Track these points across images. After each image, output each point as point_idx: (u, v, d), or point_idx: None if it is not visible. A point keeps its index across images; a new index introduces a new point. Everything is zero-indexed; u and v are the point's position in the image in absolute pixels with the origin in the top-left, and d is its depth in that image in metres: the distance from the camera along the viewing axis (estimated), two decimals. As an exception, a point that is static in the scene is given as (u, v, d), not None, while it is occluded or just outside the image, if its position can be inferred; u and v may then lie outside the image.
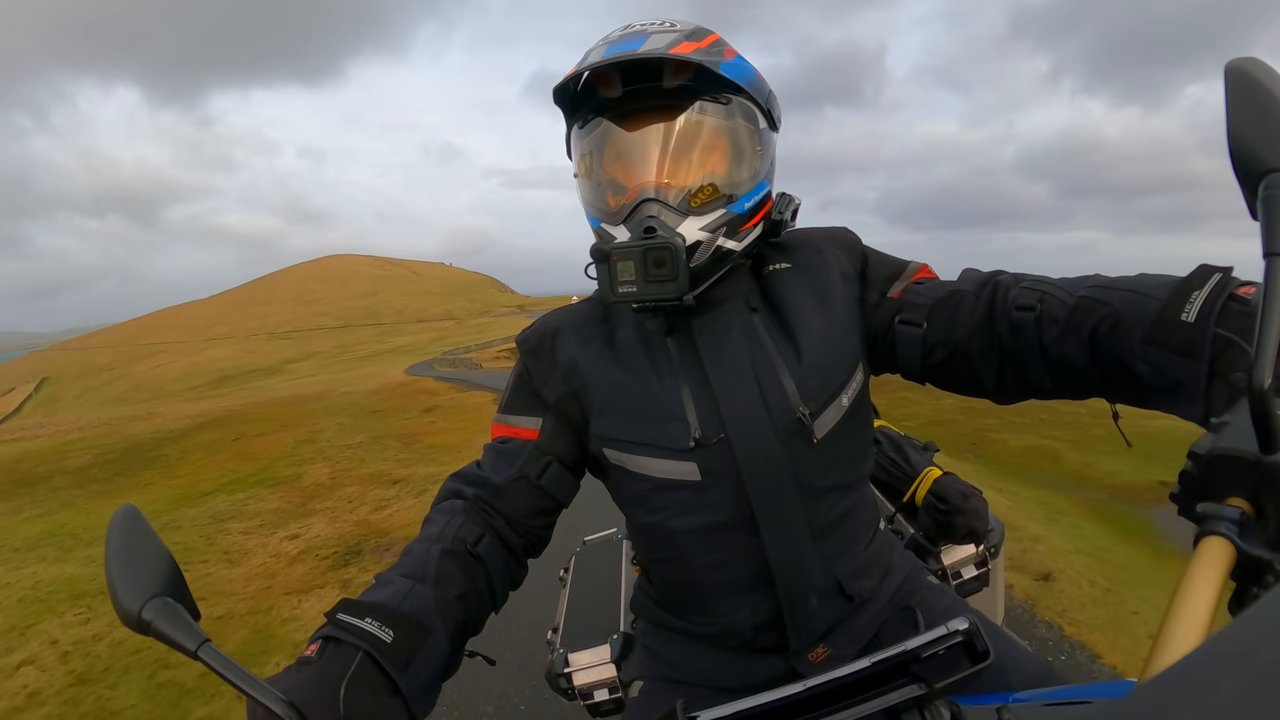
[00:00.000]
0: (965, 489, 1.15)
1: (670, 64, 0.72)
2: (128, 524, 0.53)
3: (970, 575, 1.14)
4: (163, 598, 0.51)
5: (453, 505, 0.77)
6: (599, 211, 0.78)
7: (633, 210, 0.73)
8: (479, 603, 0.72)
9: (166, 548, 0.54)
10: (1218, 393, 0.54)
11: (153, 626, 0.49)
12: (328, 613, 0.62)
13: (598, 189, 0.78)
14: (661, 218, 0.72)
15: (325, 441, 9.01)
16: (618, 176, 0.76)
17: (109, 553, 0.52)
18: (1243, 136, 0.44)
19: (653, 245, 0.69)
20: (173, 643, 0.49)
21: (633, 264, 0.70)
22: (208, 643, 0.49)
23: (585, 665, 1.08)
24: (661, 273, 0.69)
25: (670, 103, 0.74)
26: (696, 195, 0.74)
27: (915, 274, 0.82)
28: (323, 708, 0.53)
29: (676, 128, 0.74)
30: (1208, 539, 0.39)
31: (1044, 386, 0.71)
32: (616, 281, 0.71)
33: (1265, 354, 0.38)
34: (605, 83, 0.74)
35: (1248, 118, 0.44)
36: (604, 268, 0.72)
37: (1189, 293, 0.57)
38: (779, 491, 0.75)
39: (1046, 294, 0.69)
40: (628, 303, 0.72)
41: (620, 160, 0.76)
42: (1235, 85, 0.45)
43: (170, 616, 0.50)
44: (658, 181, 0.73)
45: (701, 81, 0.73)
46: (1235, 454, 0.40)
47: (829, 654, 0.81)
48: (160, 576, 0.52)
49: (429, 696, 0.63)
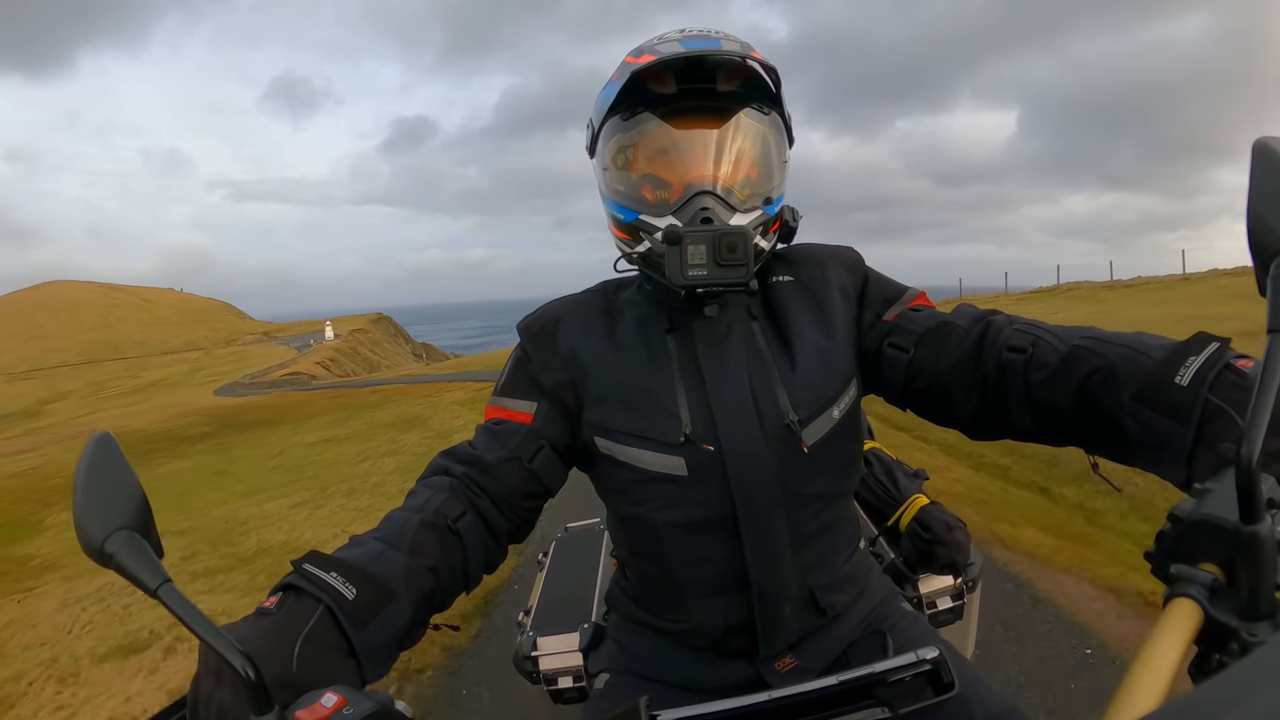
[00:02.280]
0: (950, 520, 1.15)
1: (725, 68, 0.77)
2: (101, 452, 0.51)
3: (945, 606, 1.13)
4: (129, 531, 0.48)
5: (439, 481, 0.76)
6: (635, 203, 0.80)
7: (686, 202, 0.76)
8: (450, 578, 0.71)
9: (138, 480, 0.51)
10: (1202, 459, 0.55)
11: (115, 559, 0.47)
12: (295, 560, 0.61)
13: (636, 181, 0.80)
14: (715, 210, 0.75)
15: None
16: (659, 171, 0.79)
17: (78, 478, 0.49)
18: (1261, 213, 0.44)
19: (727, 231, 0.72)
20: (134, 578, 0.47)
21: (705, 248, 0.72)
22: (169, 583, 0.47)
23: (553, 651, 1.09)
24: (733, 257, 0.72)
25: (720, 105, 0.78)
26: (742, 193, 0.78)
27: (912, 301, 0.84)
28: (277, 661, 0.53)
29: (734, 129, 0.78)
30: (1178, 600, 0.40)
31: (1024, 428, 0.72)
32: (687, 264, 0.72)
33: (1257, 427, 0.39)
34: (659, 80, 0.77)
35: (1269, 196, 0.45)
36: (675, 250, 0.73)
37: (1185, 357, 0.58)
38: (763, 495, 0.76)
39: (1040, 339, 0.70)
40: (695, 286, 0.74)
41: (665, 155, 0.78)
42: (1261, 162, 0.46)
43: (134, 551, 0.48)
44: (713, 177, 0.77)
45: (749, 90, 0.79)
46: (1216, 520, 0.41)
47: (796, 665, 0.82)
48: (129, 509, 0.49)
49: (383, 661, 0.62)
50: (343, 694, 0.49)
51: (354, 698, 0.49)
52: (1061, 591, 2.77)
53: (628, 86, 0.76)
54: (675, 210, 0.76)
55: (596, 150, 0.85)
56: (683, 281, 0.73)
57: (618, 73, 0.79)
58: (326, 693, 0.49)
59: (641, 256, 0.80)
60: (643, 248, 0.79)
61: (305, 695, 0.49)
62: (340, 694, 0.49)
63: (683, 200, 0.76)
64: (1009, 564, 3.07)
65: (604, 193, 0.84)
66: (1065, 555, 3.10)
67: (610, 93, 0.78)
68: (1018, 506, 4.04)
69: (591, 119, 0.85)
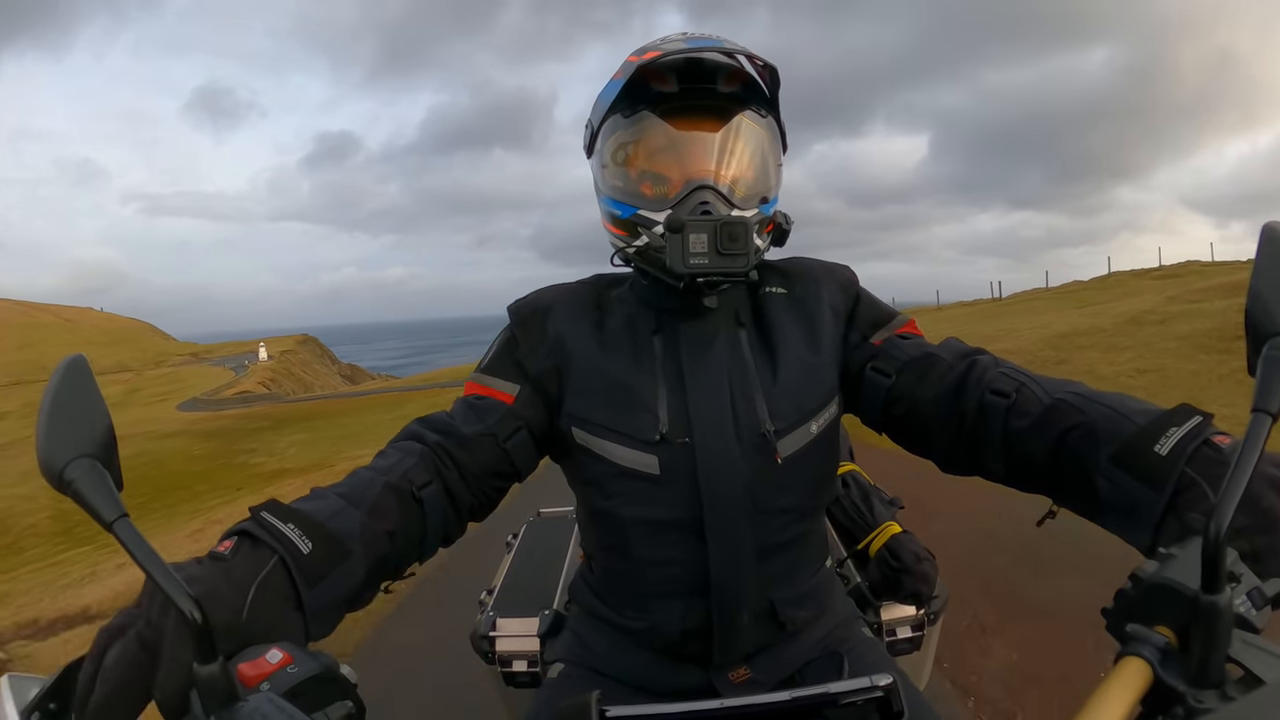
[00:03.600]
0: (920, 551, 1.15)
1: (725, 71, 0.78)
2: (72, 375, 0.48)
3: (905, 636, 1.13)
4: (91, 459, 0.46)
5: (410, 446, 0.75)
6: (633, 198, 0.80)
7: (686, 195, 0.76)
8: (407, 546, 0.70)
9: (107, 409, 0.49)
10: (1169, 527, 0.55)
11: (73, 487, 0.45)
12: (253, 508, 0.60)
13: (635, 178, 0.80)
14: (714, 204, 0.75)
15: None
16: (659, 168, 0.79)
17: (45, 400, 0.47)
18: (1262, 294, 0.45)
19: (727, 220, 0.72)
20: (90, 508, 0.45)
21: (706, 236, 0.72)
22: (125, 517, 0.45)
23: (511, 634, 1.09)
24: (734, 246, 0.72)
25: (720, 105, 0.78)
26: (740, 191, 0.78)
27: (901, 327, 0.85)
28: (227, 609, 0.51)
29: (734, 130, 0.78)
30: (1130, 659, 0.41)
31: (995, 471, 0.73)
32: (689, 253, 0.72)
33: (1229, 501, 0.40)
34: (661, 79, 0.77)
35: (1272, 278, 0.46)
36: (677, 239, 0.72)
37: (1168, 427, 0.58)
38: (731, 501, 0.76)
39: (1025, 386, 0.70)
40: (696, 274, 0.74)
41: (665, 152, 0.78)
42: (1268, 246, 0.47)
43: (94, 481, 0.46)
44: (713, 173, 0.77)
45: (749, 93, 0.80)
46: (1177, 586, 0.42)
47: (750, 677, 0.82)
48: (94, 437, 0.47)
49: (330, 619, 0.61)
50: (289, 651, 0.48)
51: (299, 656, 0.47)
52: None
53: (630, 83, 0.77)
54: (674, 204, 0.76)
55: (595, 149, 0.85)
56: (684, 269, 0.73)
57: (620, 71, 0.79)
58: (272, 648, 0.48)
59: (639, 251, 0.80)
60: (640, 242, 0.79)
61: (250, 648, 0.48)
62: (286, 651, 0.48)
63: (683, 194, 0.76)
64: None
65: (601, 189, 0.84)
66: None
67: (613, 90, 0.78)
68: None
69: (590, 120, 0.85)
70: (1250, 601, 0.43)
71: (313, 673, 0.46)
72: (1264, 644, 0.40)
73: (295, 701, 0.44)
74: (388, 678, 2.58)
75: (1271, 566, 0.47)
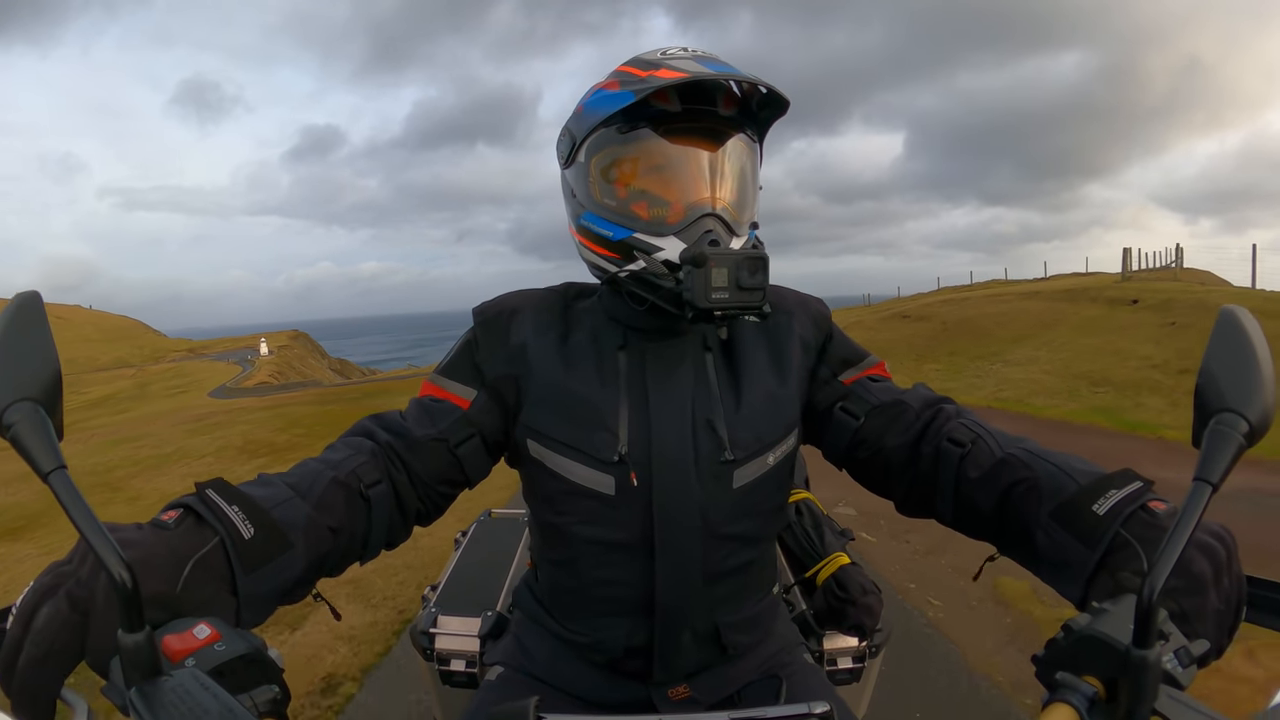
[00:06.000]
0: (866, 584, 1.15)
1: (725, 93, 0.76)
2: (22, 314, 0.46)
3: (846, 666, 1.14)
4: (34, 404, 0.44)
5: (361, 443, 0.74)
6: (627, 220, 0.76)
7: (691, 224, 0.74)
8: (349, 544, 0.69)
9: (56, 353, 0.46)
10: (1100, 583, 0.57)
11: (12, 431, 0.43)
12: (199, 484, 0.58)
13: (628, 198, 0.77)
14: (719, 233, 0.73)
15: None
16: (658, 189, 0.76)
17: None
18: (1212, 371, 0.48)
19: (750, 255, 0.71)
20: (28, 456, 0.42)
21: (727, 271, 0.70)
22: (63, 469, 0.43)
23: (452, 632, 1.08)
24: (755, 280, 0.70)
25: (719, 128, 0.76)
26: (736, 216, 0.77)
27: (871, 368, 0.85)
28: (162, 579, 0.50)
29: (731, 153, 0.77)
30: (1057, 705, 0.43)
31: (944, 515, 0.75)
32: (710, 288, 0.70)
33: (1166, 562, 0.41)
34: (663, 96, 0.74)
35: (1222, 357, 0.48)
36: (701, 273, 0.70)
37: (1107, 489, 0.60)
38: (684, 526, 0.76)
39: (980, 438, 0.72)
40: (715, 309, 0.71)
41: (665, 173, 0.76)
42: (1223, 326, 0.50)
43: (36, 427, 0.43)
44: (717, 199, 0.75)
45: (743, 117, 0.78)
46: (1108, 639, 0.44)
47: (689, 695, 0.82)
48: (39, 381, 0.45)
49: (262, 610, 0.59)
50: (217, 628, 0.46)
51: (227, 634, 0.46)
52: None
53: (637, 100, 0.73)
54: (679, 231, 0.74)
55: (576, 161, 0.80)
56: (705, 304, 0.71)
57: (616, 82, 0.76)
58: (200, 623, 0.46)
59: (633, 275, 0.76)
60: (635, 266, 0.76)
61: (178, 620, 0.47)
62: (215, 627, 0.46)
63: (687, 221, 0.74)
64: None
65: (584, 205, 0.80)
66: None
67: (614, 103, 0.73)
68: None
69: (570, 128, 0.80)
70: (1177, 659, 0.44)
71: (239, 652, 0.45)
72: (1189, 700, 0.41)
73: (220, 681, 0.42)
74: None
75: (1199, 628, 0.49)
